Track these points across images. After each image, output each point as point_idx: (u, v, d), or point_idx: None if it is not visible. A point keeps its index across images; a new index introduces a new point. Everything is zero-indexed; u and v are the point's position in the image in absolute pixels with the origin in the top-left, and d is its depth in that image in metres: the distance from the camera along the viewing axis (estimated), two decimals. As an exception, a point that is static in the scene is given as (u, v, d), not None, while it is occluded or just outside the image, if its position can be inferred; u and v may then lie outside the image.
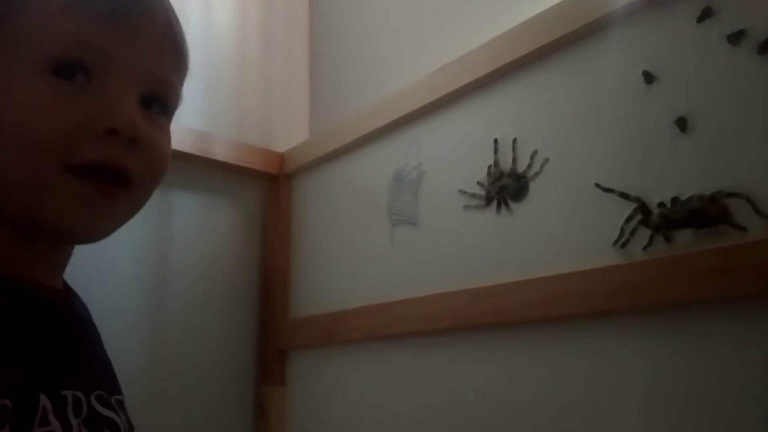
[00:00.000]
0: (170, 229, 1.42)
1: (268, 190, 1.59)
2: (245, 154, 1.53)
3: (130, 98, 0.60)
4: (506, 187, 1.07)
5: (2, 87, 0.57)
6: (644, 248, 0.90)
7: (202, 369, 1.42)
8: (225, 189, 1.52)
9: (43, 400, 0.54)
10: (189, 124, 1.41)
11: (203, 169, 1.47)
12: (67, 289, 0.69)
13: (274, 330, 1.50)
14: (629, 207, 0.91)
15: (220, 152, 1.48)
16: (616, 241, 0.92)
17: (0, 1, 0.59)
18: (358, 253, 1.36)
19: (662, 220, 0.88)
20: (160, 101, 0.64)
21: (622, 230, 0.92)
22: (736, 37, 0.84)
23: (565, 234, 0.99)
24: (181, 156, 1.35)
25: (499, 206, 1.08)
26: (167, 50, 0.64)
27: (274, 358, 1.48)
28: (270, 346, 1.49)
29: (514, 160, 1.07)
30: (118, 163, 0.59)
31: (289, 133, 1.63)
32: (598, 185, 0.95)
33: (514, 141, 1.08)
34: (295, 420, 1.43)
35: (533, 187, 1.04)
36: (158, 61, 0.63)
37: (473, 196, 1.13)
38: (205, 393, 1.42)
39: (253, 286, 1.54)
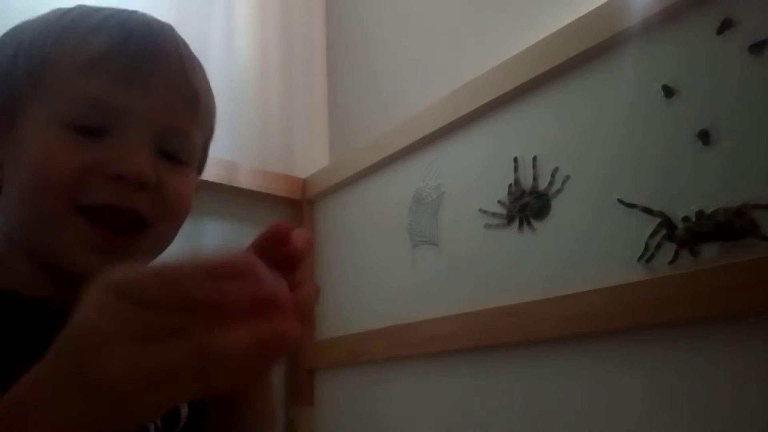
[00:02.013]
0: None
1: (292, 214, 1.56)
2: (268, 181, 1.51)
3: (143, 148, 0.60)
4: (528, 206, 1.03)
5: (28, 133, 0.59)
6: (670, 263, 0.85)
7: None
8: (250, 215, 1.50)
9: None
10: (215, 154, 1.39)
11: (229, 197, 1.45)
12: None
13: (301, 350, 1.46)
14: (653, 222, 0.87)
15: (244, 180, 1.46)
16: (641, 257, 0.88)
17: (36, 57, 0.61)
18: (380, 275, 1.32)
19: (687, 235, 0.83)
20: (178, 151, 0.64)
21: (647, 245, 0.88)
22: (757, 48, 0.79)
23: (588, 251, 0.95)
24: (208, 185, 1.33)
25: (521, 225, 1.04)
26: (182, 102, 0.64)
27: (302, 378, 1.44)
28: (298, 367, 1.46)
29: (535, 178, 1.03)
30: (128, 205, 0.59)
31: (310, 159, 1.60)
32: (620, 201, 0.91)
33: (534, 159, 1.04)
34: (324, 441, 1.39)
35: (555, 204, 1.00)
36: (172, 113, 0.63)
37: (494, 215, 1.09)
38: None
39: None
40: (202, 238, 1.40)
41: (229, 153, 1.45)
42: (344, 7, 1.69)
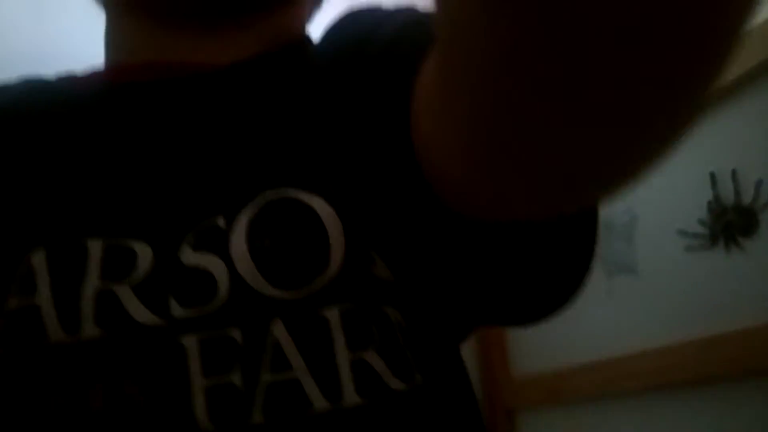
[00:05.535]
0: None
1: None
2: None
3: None
4: (732, 223, 0.93)
5: None
6: None
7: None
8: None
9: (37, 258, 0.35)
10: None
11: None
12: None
13: (497, 388, 1.40)
14: None
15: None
16: None
17: None
18: (573, 306, 1.24)
19: None
20: None
21: None
22: None
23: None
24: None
25: (727, 244, 0.94)
26: None
27: (502, 419, 1.38)
28: (496, 406, 1.40)
29: (737, 193, 0.92)
30: None
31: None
32: None
33: (734, 172, 0.93)
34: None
35: (764, 219, 0.89)
36: None
37: (695, 235, 0.99)
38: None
39: (468, 343, 1.47)
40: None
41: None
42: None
